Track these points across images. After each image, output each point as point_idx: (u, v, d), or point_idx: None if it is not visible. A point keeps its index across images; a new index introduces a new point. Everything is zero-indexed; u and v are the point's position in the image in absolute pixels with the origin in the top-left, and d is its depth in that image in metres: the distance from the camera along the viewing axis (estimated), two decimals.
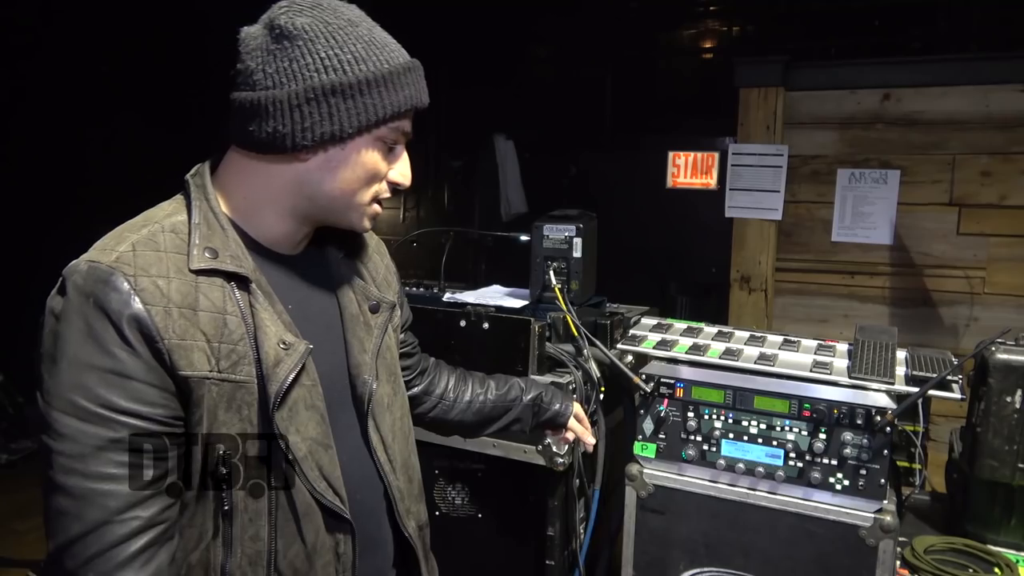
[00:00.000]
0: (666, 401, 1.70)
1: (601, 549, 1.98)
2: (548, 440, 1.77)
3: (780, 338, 1.81)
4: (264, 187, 1.01)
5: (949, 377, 1.52)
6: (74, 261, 0.91)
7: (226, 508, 0.94)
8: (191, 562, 0.94)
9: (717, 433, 1.67)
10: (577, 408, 1.65)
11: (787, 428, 1.61)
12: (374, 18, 1.05)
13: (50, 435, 0.85)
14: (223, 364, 0.92)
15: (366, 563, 1.09)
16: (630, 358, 1.84)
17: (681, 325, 1.90)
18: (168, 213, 0.99)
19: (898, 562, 1.60)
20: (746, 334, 1.84)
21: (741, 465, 1.64)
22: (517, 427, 1.57)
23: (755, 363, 1.66)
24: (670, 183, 5.03)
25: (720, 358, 1.69)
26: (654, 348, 1.77)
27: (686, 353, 1.72)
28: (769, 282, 3.27)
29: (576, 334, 1.83)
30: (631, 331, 1.87)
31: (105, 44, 4.82)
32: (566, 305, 1.86)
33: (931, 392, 1.51)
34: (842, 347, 1.75)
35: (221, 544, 0.94)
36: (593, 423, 1.83)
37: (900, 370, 1.61)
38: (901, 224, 3.06)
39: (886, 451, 1.52)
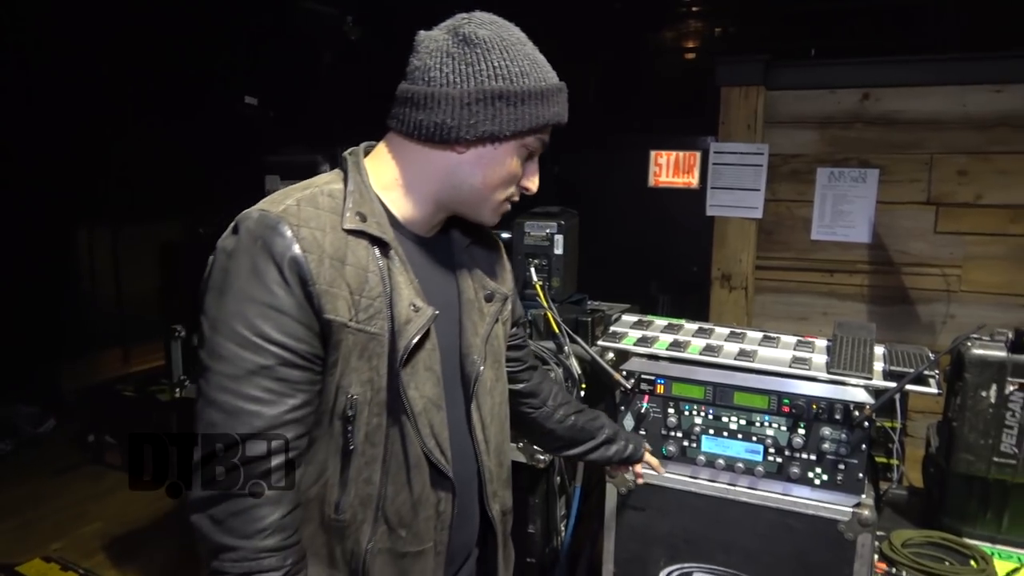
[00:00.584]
0: (647, 397, 1.70)
1: (582, 546, 1.98)
2: (616, 474, 1.74)
3: (760, 334, 1.82)
4: (418, 171, 1.11)
5: (926, 372, 1.54)
6: (247, 210, 1.02)
7: (350, 448, 1.04)
8: (309, 496, 1.04)
9: (697, 429, 1.67)
10: (647, 455, 1.64)
11: (766, 424, 1.61)
12: None
13: (211, 356, 0.97)
14: (361, 316, 1.03)
15: (457, 532, 1.16)
16: (611, 355, 1.84)
17: (662, 322, 1.90)
18: (327, 181, 1.11)
19: (876, 556, 1.61)
20: (726, 330, 1.85)
21: (721, 461, 1.65)
22: (592, 457, 1.56)
23: (735, 359, 1.67)
24: (652, 182, 5.04)
25: (700, 354, 1.70)
26: (635, 345, 1.77)
27: (667, 350, 1.72)
28: (750, 280, 3.28)
29: (557, 331, 1.83)
30: (612, 328, 1.86)
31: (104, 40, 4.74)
32: (547, 302, 1.85)
33: (908, 387, 1.52)
34: (821, 343, 1.76)
35: (338, 482, 1.05)
36: None
37: (878, 365, 1.62)
38: (880, 222, 3.09)
39: (864, 446, 1.53)
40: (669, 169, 4.99)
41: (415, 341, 1.05)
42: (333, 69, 2.54)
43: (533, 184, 1.17)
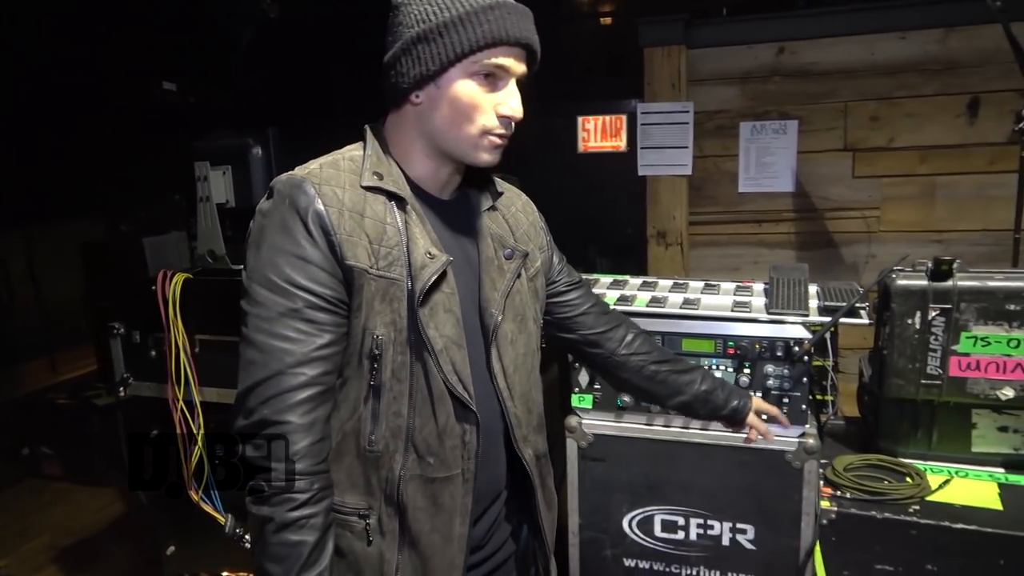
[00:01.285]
0: None
1: None
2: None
3: (701, 283, 1.89)
4: (405, 133, 1.21)
5: (857, 305, 1.64)
6: (278, 175, 1.15)
7: (375, 384, 1.14)
8: (345, 430, 1.16)
9: None
10: (758, 403, 1.63)
11: (714, 367, 1.69)
12: None
13: (249, 302, 1.10)
14: (380, 263, 1.13)
15: (484, 465, 1.23)
16: None
17: (607, 279, 1.96)
18: (350, 148, 1.23)
19: (821, 482, 1.72)
20: (669, 283, 1.92)
21: None
22: (689, 412, 1.59)
23: (680, 308, 1.74)
24: (581, 148, 5.10)
25: (648, 307, 1.76)
26: None
27: (615, 304, 1.78)
28: (684, 235, 3.38)
29: None
30: None
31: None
32: None
33: (842, 320, 1.62)
34: (758, 287, 1.85)
35: (370, 416, 1.15)
36: None
37: (813, 303, 1.71)
38: (801, 171, 3.22)
39: (805, 379, 1.63)
40: (597, 134, 5.06)
41: (431, 283, 1.14)
42: (253, 48, 2.47)
43: (511, 109, 1.18)
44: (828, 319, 1.61)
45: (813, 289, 1.79)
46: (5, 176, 4.73)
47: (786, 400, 1.64)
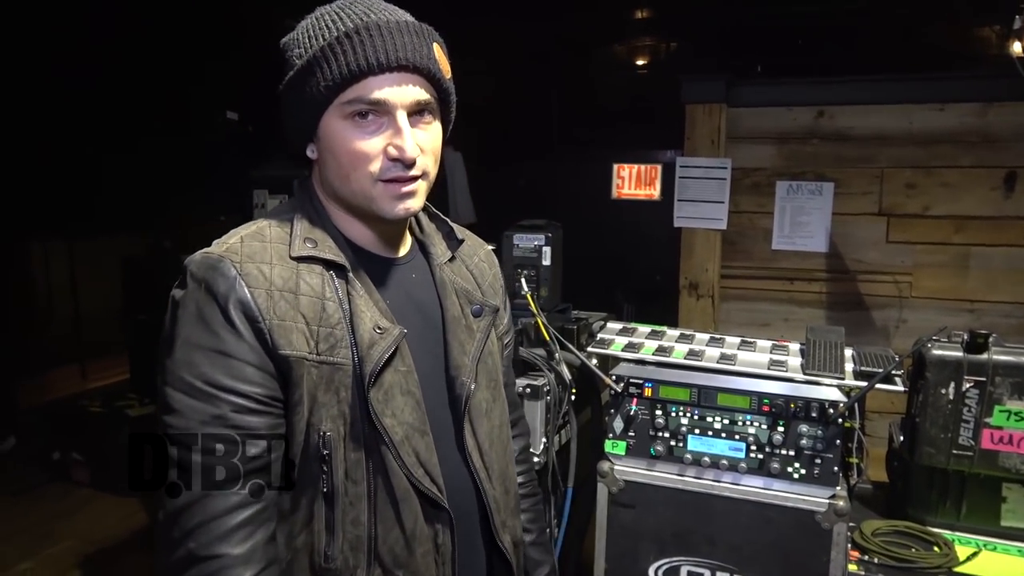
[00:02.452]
0: (635, 400, 1.79)
1: (573, 544, 2.06)
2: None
3: (737, 339, 1.93)
4: (323, 192, 1.08)
5: (893, 372, 1.67)
6: (192, 254, 0.99)
7: (326, 491, 0.97)
8: (296, 546, 0.98)
9: (683, 429, 1.77)
10: None
11: (748, 423, 1.72)
12: None
13: (165, 411, 0.93)
14: (321, 346, 0.97)
15: (463, 566, 1.08)
16: (594, 360, 1.94)
17: (645, 329, 2.00)
18: (278, 211, 1.08)
19: (849, 545, 1.73)
20: (707, 336, 1.96)
21: (706, 458, 1.75)
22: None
23: (717, 363, 1.78)
24: (615, 194, 5.20)
25: (685, 359, 1.80)
26: (622, 351, 1.86)
27: (653, 355, 1.82)
28: (715, 288, 3.43)
29: (548, 338, 1.91)
30: (599, 335, 1.96)
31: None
32: (537, 311, 1.93)
33: (877, 385, 1.65)
34: (794, 346, 1.89)
35: (324, 528, 0.98)
36: (565, 423, 1.91)
37: (849, 366, 1.75)
38: (835, 233, 3.26)
39: (838, 441, 1.65)
40: (631, 181, 5.16)
41: (383, 362, 0.99)
42: None
43: (395, 149, 0.99)
44: (864, 383, 1.65)
45: (849, 352, 1.82)
46: (54, 187, 4.92)
47: (818, 461, 1.66)
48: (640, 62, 6.82)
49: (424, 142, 1.02)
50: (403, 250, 1.14)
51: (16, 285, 5.19)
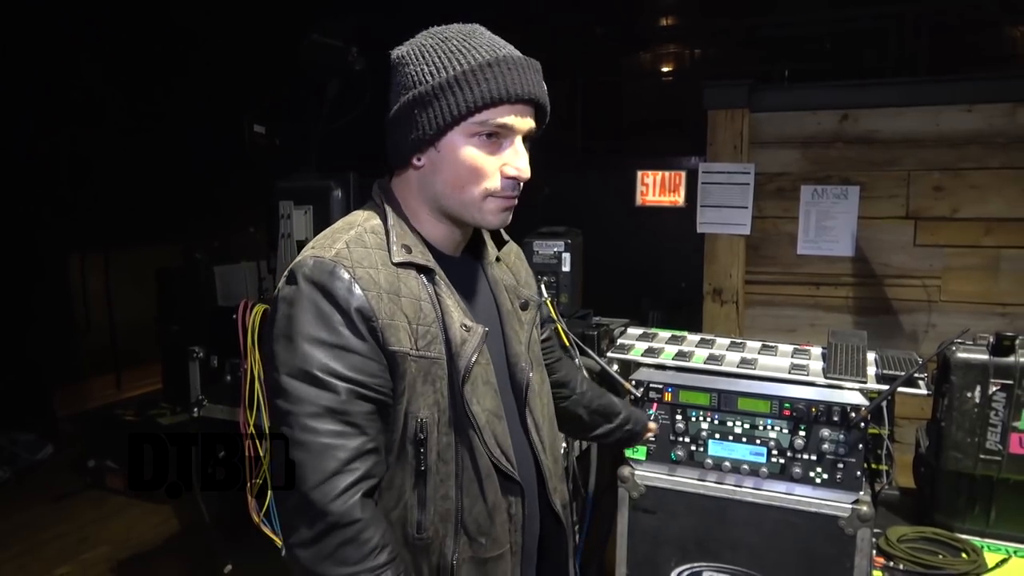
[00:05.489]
0: (655, 405, 1.79)
1: (595, 550, 2.06)
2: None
3: (758, 344, 1.92)
4: (411, 196, 1.18)
5: (916, 375, 1.65)
6: (300, 258, 1.10)
7: (422, 469, 1.09)
8: (391, 520, 1.10)
9: (704, 434, 1.77)
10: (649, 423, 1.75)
11: (769, 427, 1.71)
12: None
13: (289, 400, 1.03)
14: (420, 343, 1.09)
15: (527, 530, 1.21)
16: (616, 366, 1.94)
17: (665, 334, 2.01)
18: (366, 218, 1.17)
19: (874, 551, 1.71)
20: (727, 341, 1.96)
21: (727, 463, 1.74)
22: (607, 440, 1.67)
23: (737, 367, 1.77)
24: (639, 201, 5.18)
25: (705, 363, 1.80)
26: (642, 356, 1.87)
27: (673, 360, 1.83)
28: (740, 294, 3.40)
29: (568, 344, 1.92)
30: (619, 340, 1.96)
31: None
32: (557, 317, 1.95)
33: (900, 389, 1.64)
34: (816, 351, 1.88)
35: (417, 503, 1.10)
36: None
37: (871, 370, 1.73)
38: (861, 237, 3.22)
39: (861, 445, 1.64)
40: (656, 188, 5.14)
41: (474, 359, 1.11)
42: (338, 97, 2.65)
43: (515, 169, 1.12)
44: (886, 387, 1.63)
45: (872, 356, 1.81)
46: (93, 199, 5.05)
47: (841, 465, 1.65)
48: (665, 70, 6.81)
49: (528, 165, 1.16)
50: (460, 250, 1.25)
51: (55, 295, 5.33)
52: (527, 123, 1.12)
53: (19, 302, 4.89)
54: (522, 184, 1.15)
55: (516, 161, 1.12)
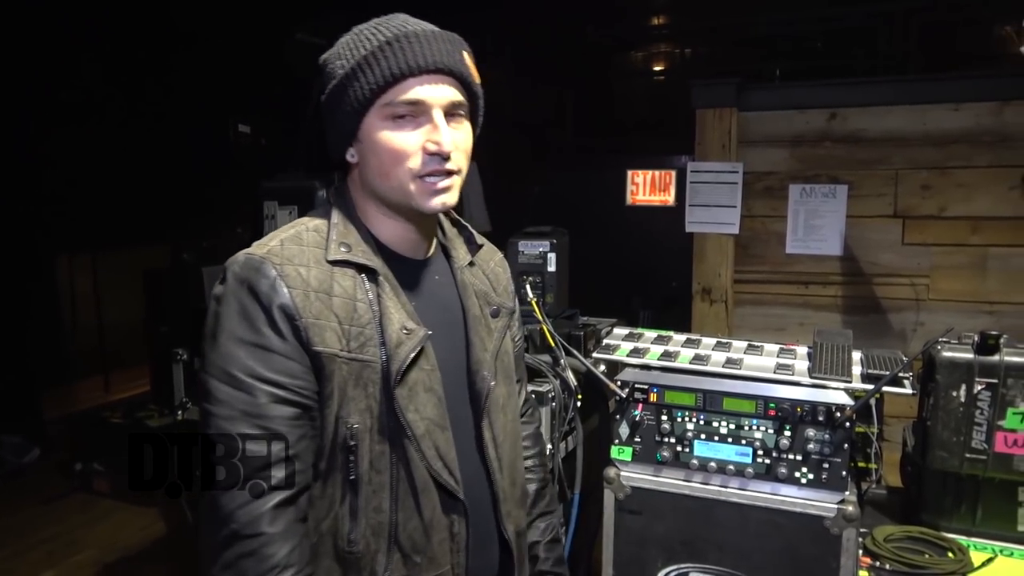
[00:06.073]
0: (640, 406, 1.78)
1: (581, 551, 2.05)
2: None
3: (744, 343, 1.91)
4: (359, 194, 1.15)
5: (901, 374, 1.64)
6: (235, 255, 1.07)
7: (351, 479, 1.04)
8: (322, 530, 1.05)
9: (689, 434, 1.75)
10: None
11: (754, 427, 1.70)
12: None
13: (208, 400, 1.01)
14: (352, 344, 1.05)
15: (475, 554, 1.15)
16: (603, 366, 1.93)
17: (651, 334, 1.99)
18: (314, 216, 1.15)
19: (860, 551, 1.71)
20: (713, 340, 1.94)
21: (713, 464, 1.73)
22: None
23: (723, 367, 1.76)
24: (630, 200, 5.19)
25: (690, 363, 1.79)
26: (627, 356, 1.85)
27: (658, 360, 1.81)
28: (729, 293, 3.40)
29: (553, 344, 1.91)
30: (605, 340, 1.95)
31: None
32: (543, 317, 1.94)
33: (885, 388, 1.63)
34: (802, 350, 1.87)
35: (348, 514, 1.05)
36: (572, 430, 1.90)
37: (856, 369, 1.72)
38: (850, 235, 3.23)
39: (846, 445, 1.63)
40: (646, 187, 5.14)
41: (408, 361, 1.06)
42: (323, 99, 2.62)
43: (433, 144, 1.07)
44: (871, 386, 1.63)
45: (857, 355, 1.80)
46: (80, 200, 5.02)
47: (826, 465, 1.64)
48: (656, 69, 6.81)
49: (458, 140, 1.10)
50: (428, 252, 1.22)
51: (43, 296, 5.30)
52: (444, 95, 1.07)
53: (6, 303, 4.85)
54: (454, 162, 1.09)
55: (433, 135, 1.07)
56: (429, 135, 1.07)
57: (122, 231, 5.30)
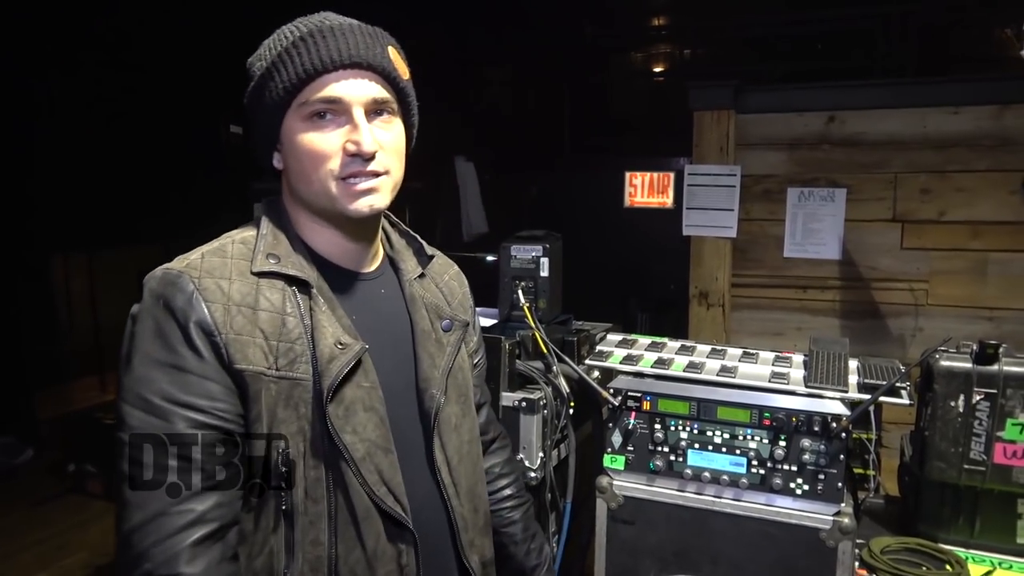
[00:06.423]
0: (633, 414, 1.75)
1: (573, 561, 2.02)
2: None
3: (739, 351, 1.89)
4: (291, 204, 1.09)
5: (898, 384, 1.62)
6: (153, 270, 0.99)
7: (285, 509, 0.95)
8: (255, 568, 0.95)
9: (683, 444, 1.73)
10: None
11: (749, 437, 1.68)
12: None
13: (122, 428, 0.92)
14: (281, 361, 0.96)
15: None
16: (596, 373, 1.90)
17: (645, 340, 1.97)
18: (242, 229, 1.08)
19: (856, 563, 1.68)
20: (707, 348, 1.92)
21: (707, 474, 1.70)
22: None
23: (717, 375, 1.74)
24: (628, 202, 5.16)
25: (684, 371, 1.76)
26: (621, 363, 1.83)
27: (651, 367, 1.79)
28: (726, 297, 3.37)
29: (545, 351, 1.88)
30: (598, 347, 1.92)
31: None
32: (535, 323, 1.91)
33: (882, 399, 1.60)
34: (798, 358, 1.84)
35: (283, 548, 0.96)
36: (564, 438, 1.88)
37: (852, 378, 1.70)
38: (848, 240, 3.20)
39: (842, 456, 1.60)
40: (644, 190, 5.12)
41: (341, 377, 0.97)
42: None
43: (352, 144, 1.00)
44: (867, 396, 1.60)
45: (854, 364, 1.77)
46: (77, 200, 4.99)
47: (822, 476, 1.61)
48: (655, 70, 6.79)
49: (384, 140, 1.03)
50: (373, 265, 1.14)
51: (37, 297, 5.27)
52: (365, 92, 1.01)
53: (0, 303, 4.83)
54: (379, 162, 1.02)
55: (353, 135, 1.00)
56: (349, 135, 1.00)
57: (117, 231, 5.27)
